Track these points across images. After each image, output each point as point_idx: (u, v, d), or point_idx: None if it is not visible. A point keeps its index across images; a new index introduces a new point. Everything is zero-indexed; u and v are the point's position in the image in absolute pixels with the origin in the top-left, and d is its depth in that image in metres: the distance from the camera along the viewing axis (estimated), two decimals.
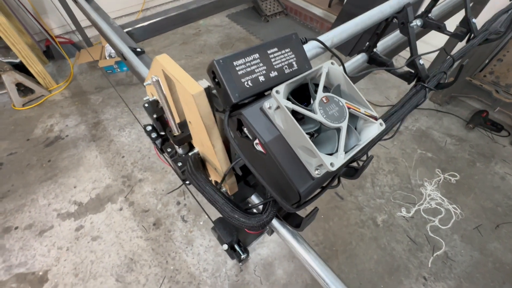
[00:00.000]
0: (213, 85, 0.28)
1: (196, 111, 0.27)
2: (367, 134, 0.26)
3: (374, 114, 0.26)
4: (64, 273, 1.33)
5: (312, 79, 0.28)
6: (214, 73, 0.27)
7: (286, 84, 0.24)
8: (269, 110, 0.25)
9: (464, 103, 2.10)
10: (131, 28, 0.85)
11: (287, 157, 0.24)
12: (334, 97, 0.25)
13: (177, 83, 0.27)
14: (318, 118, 0.23)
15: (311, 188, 0.25)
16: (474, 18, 0.65)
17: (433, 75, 0.51)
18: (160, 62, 0.29)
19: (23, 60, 1.99)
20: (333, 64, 0.28)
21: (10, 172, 1.71)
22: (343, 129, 0.24)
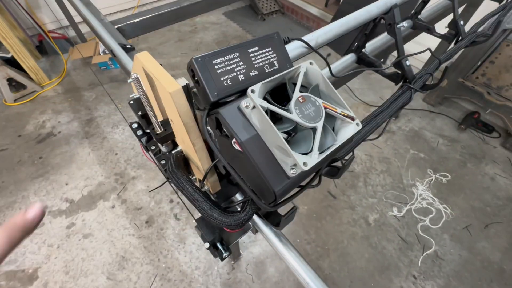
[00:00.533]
0: (193, 82, 0.28)
1: (174, 109, 0.27)
2: (344, 134, 0.26)
3: (351, 114, 0.26)
4: (55, 271, 1.32)
5: (291, 79, 0.28)
6: (193, 71, 0.27)
7: (262, 84, 0.24)
8: (246, 109, 0.25)
9: (456, 104, 2.13)
10: (122, 24, 0.84)
11: (263, 157, 0.25)
12: (311, 97, 0.25)
13: (156, 81, 0.27)
14: (293, 118, 0.24)
15: (286, 188, 0.25)
16: (462, 20, 0.65)
17: (419, 76, 0.52)
18: (140, 60, 0.29)
19: (15, 55, 1.97)
20: (312, 64, 0.28)
21: (0, 169, 1.69)
22: (319, 129, 0.24)
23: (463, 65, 1.81)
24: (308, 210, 1.56)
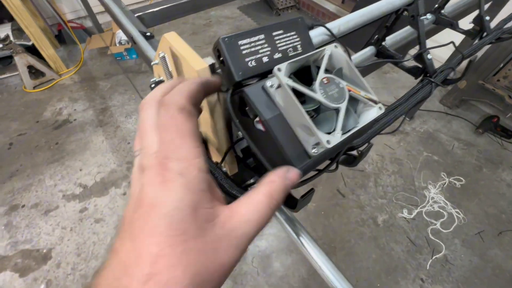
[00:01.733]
0: (217, 63, 0.29)
1: None
2: (366, 117, 0.26)
3: (374, 98, 0.26)
4: (67, 252, 1.37)
5: (315, 62, 0.28)
6: (219, 51, 0.28)
7: (288, 63, 0.24)
8: (270, 89, 0.25)
9: (474, 107, 2.06)
10: (142, 13, 0.86)
11: (285, 135, 0.25)
12: (335, 79, 0.25)
13: (183, 60, 0.28)
14: (318, 98, 0.24)
15: (307, 167, 0.25)
16: (487, 16, 0.63)
17: (440, 70, 0.50)
18: (167, 39, 0.29)
19: (36, 43, 2.03)
20: (337, 48, 0.28)
21: (19, 152, 1.75)
22: (342, 109, 0.24)
23: (484, 67, 1.75)
24: (316, 207, 1.55)
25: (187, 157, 0.19)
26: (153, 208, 0.17)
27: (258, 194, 0.21)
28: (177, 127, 0.20)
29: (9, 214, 1.49)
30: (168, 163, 0.19)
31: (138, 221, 0.17)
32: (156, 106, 0.21)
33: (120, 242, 0.18)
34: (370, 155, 1.79)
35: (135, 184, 0.19)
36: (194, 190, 0.18)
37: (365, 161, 1.76)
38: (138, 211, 0.18)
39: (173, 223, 0.17)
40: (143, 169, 0.19)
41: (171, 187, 0.18)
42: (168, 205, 0.17)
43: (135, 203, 0.18)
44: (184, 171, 0.19)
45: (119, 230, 0.19)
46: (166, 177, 0.18)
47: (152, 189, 0.18)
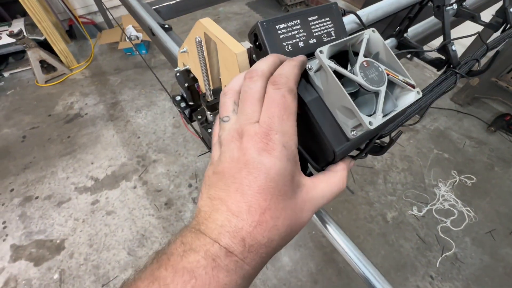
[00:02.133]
0: (253, 48, 0.29)
1: (236, 72, 0.28)
2: (404, 101, 0.26)
3: (412, 82, 0.26)
4: (80, 243, 1.40)
5: (352, 46, 0.28)
6: (257, 35, 0.28)
7: (329, 46, 0.24)
8: (309, 72, 0.25)
9: (487, 105, 2.03)
10: (158, 6, 0.86)
11: (324, 118, 0.25)
12: (374, 63, 0.25)
13: (220, 44, 0.28)
14: (359, 80, 0.24)
15: (345, 149, 0.26)
16: (511, 8, 0.62)
17: (464, 61, 0.50)
18: (203, 24, 0.30)
19: (48, 38, 2.05)
20: (374, 32, 0.28)
21: (32, 145, 1.79)
22: (382, 92, 0.24)
23: (498, 64, 1.72)
24: None
25: (290, 132, 0.22)
26: (261, 170, 0.20)
27: (335, 177, 0.26)
28: (285, 105, 0.22)
29: (23, 205, 1.53)
30: (273, 135, 0.21)
31: (246, 179, 0.20)
32: (263, 81, 0.23)
33: (226, 194, 0.21)
34: None
35: (229, 145, 0.22)
36: (292, 161, 0.22)
37: (374, 158, 1.75)
38: (244, 171, 0.21)
39: (278, 185, 0.21)
40: (243, 134, 0.22)
41: (277, 156, 0.21)
42: (275, 170, 0.20)
43: (237, 162, 0.21)
44: (286, 144, 0.21)
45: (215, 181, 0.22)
46: (270, 146, 0.21)
47: (258, 153, 0.21)
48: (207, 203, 0.22)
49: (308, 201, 0.24)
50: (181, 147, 1.79)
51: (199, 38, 0.29)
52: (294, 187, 0.22)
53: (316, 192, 0.24)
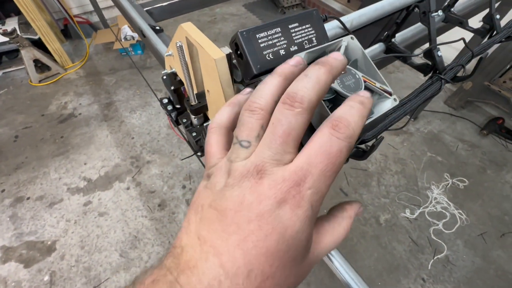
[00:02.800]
0: (235, 56, 0.29)
1: (216, 77, 0.28)
2: (381, 108, 0.26)
3: (389, 89, 0.27)
4: (71, 245, 1.38)
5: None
6: (237, 45, 0.28)
7: (306, 52, 0.25)
8: None
9: (480, 109, 2.05)
10: (150, 8, 0.86)
11: None
12: (351, 69, 0.26)
13: (200, 49, 0.28)
14: (335, 87, 0.24)
15: None
16: (498, 14, 0.63)
17: (450, 67, 0.50)
18: (184, 29, 0.30)
19: (42, 37, 2.04)
20: (353, 39, 0.28)
21: (24, 145, 1.77)
22: None
23: (490, 68, 1.74)
24: None
25: (323, 193, 0.18)
26: (275, 229, 0.16)
27: (340, 227, 0.22)
28: (337, 162, 0.18)
29: (14, 205, 1.51)
30: (306, 189, 0.17)
31: (253, 235, 0.16)
32: (309, 115, 0.19)
33: (223, 243, 0.16)
34: (374, 154, 1.79)
35: (241, 182, 0.17)
36: (313, 224, 0.18)
37: (368, 161, 1.76)
38: (254, 223, 0.16)
39: (290, 250, 0.17)
40: (264, 174, 0.17)
41: (300, 215, 0.17)
42: (292, 233, 0.17)
43: (247, 210, 0.17)
44: (314, 204, 0.18)
45: (211, 219, 0.17)
46: (297, 201, 0.17)
47: (277, 205, 0.17)
48: (195, 244, 0.17)
49: (312, 263, 0.20)
50: (175, 148, 1.78)
51: (180, 42, 0.29)
52: (305, 252, 0.19)
53: (321, 247, 0.21)
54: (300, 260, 0.18)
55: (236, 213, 0.17)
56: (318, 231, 0.21)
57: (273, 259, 0.16)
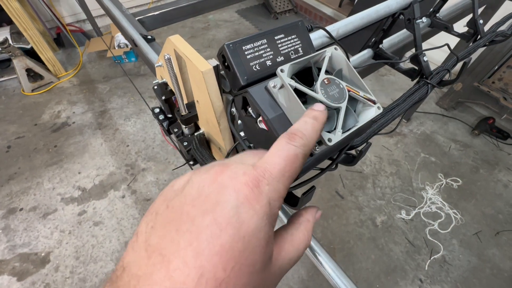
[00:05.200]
0: (222, 68, 0.30)
1: (204, 88, 0.29)
2: (365, 116, 0.27)
3: (373, 98, 0.27)
4: (66, 256, 1.36)
5: (316, 63, 0.29)
6: (224, 56, 0.29)
7: (290, 64, 0.25)
8: (273, 89, 0.26)
9: (470, 109, 2.09)
10: (142, 17, 0.87)
11: None
12: (335, 80, 0.26)
13: (188, 61, 0.29)
14: (319, 97, 0.25)
15: (309, 165, 0.26)
16: (481, 19, 0.65)
17: (436, 72, 0.52)
18: (172, 42, 0.30)
19: (34, 46, 2.03)
20: (337, 50, 0.29)
21: (17, 155, 1.75)
22: (342, 109, 0.25)
23: (479, 69, 1.78)
24: None
25: (281, 193, 0.18)
26: (231, 223, 0.15)
27: (298, 232, 0.22)
28: (293, 165, 0.19)
29: (7, 217, 1.48)
30: (264, 185, 0.17)
31: (208, 230, 0.15)
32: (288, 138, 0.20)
33: (172, 247, 0.15)
34: (368, 156, 1.80)
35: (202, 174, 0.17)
36: (271, 224, 0.17)
37: (363, 163, 1.77)
38: (209, 216, 0.15)
39: (247, 250, 0.15)
40: (226, 166, 0.18)
41: (258, 210, 0.16)
42: (249, 228, 0.16)
43: (203, 201, 0.16)
44: (272, 202, 0.17)
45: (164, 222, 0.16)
46: (255, 195, 0.16)
47: (236, 198, 0.16)
48: (140, 259, 0.15)
49: (274, 273, 0.18)
50: (170, 155, 1.77)
51: (168, 55, 0.30)
52: (265, 258, 0.17)
53: (282, 258, 0.19)
54: (260, 268, 0.16)
55: (192, 207, 0.16)
56: (277, 241, 0.20)
57: (227, 259, 0.15)
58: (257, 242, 0.16)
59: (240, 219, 0.15)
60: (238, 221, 0.15)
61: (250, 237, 0.15)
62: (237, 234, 0.15)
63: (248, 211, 0.16)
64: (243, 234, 0.15)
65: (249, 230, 0.16)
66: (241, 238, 0.15)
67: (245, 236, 0.15)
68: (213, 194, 0.16)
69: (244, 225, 0.15)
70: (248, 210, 0.16)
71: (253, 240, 0.16)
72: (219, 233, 0.15)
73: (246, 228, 0.15)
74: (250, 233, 0.15)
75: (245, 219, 0.16)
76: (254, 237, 0.16)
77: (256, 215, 0.16)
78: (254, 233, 0.16)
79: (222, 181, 0.17)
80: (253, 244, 0.16)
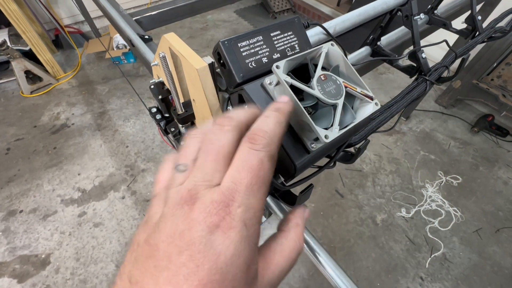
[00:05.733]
0: (218, 65, 0.29)
1: (200, 86, 0.28)
2: (363, 112, 0.27)
3: (370, 94, 0.27)
4: (66, 257, 1.36)
5: (312, 60, 0.29)
6: (220, 54, 0.28)
7: (286, 60, 0.25)
8: (269, 86, 0.26)
9: (470, 107, 2.09)
10: (139, 17, 0.87)
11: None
12: (332, 76, 0.26)
13: (183, 59, 0.28)
14: (316, 94, 0.24)
15: (306, 162, 0.26)
16: (479, 16, 0.65)
17: (434, 69, 0.51)
18: (167, 40, 0.30)
19: (33, 48, 2.03)
20: (333, 46, 0.28)
21: (17, 157, 1.74)
22: (339, 105, 0.25)
23: (478, 67, 1.78)
24: (315, 208, 1.56)
25: (256, 207, 0.17)
26: (207, 257, 0.15)
27: (288, 240, 0.21)
28: (260, 173, 0.18)
29: (7, 219, 1.48)
30: (235, 208, 0.16)
31: (185, 267, 0.15)
32: (236, 133, 0.19)
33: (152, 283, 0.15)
34: (368, 155, 1.80)
35: (174, 210, 0.17)
36: (252, 245, 0.17)
37: (363, 161, 1.77)
38: (185, 254, 0.15)
39: (227, 279, 0.15)
40: (196, 199, 0.17)
41: (233, 238, 0.16)
42: (226, 258, 0.15)
43: (179, 239, 0.16)
44: (248, 222, 0.17)
45: (144, 257, 0.16)
46: (227, 222, 0.16)
47: (208, 231, 0.16)
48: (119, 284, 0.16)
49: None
50: None
51: (163, 53, 0.29)
52: (248, 280, 0.17)
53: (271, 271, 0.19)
54: None
55: (168, 245, 0.16)
56: (264, 254, 0.19)
57: None
58: (236, 269, 0.16)
59: (216, 251, 0.15)
60: (214, 253, 0.15)
61: (228, 266, 0.16)
62: (214, 266, 0.15)
63: (224, 242, 0.16)
64: (220, 265, 0.15)
65: (227, 259, 0.16)
66: (219, 269, 0.15)
67: (222, 267, 0.15)
68: (186, 231, 0.16)
69: (221, 256, 0.15)
70: (223, 241, 0.16)
71: (232, 268, 0.16)
72: (196, 269, 0.15)
73: (224, 258, 0.15)
74: (228, 262, 0.16)
75: (221, 250, 0.16)
76: (233, 265, 0.16)
77: (232, 243, 0.16)
78: (232, 261, 0.16)
79: (193, 217, 0.16)
80: (232, 272, 0.16)
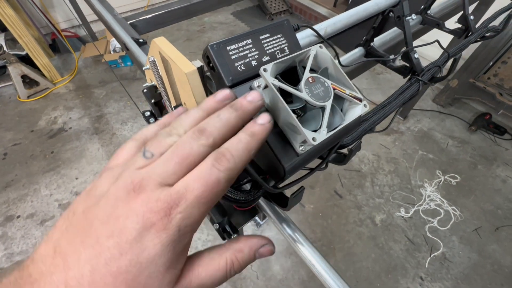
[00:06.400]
0: (207, 69, 0.29)
1: (189, 90, 0.28)
2: (352, 114, 0.27)
3: (359, 96, 0.27)
4: None
5: (301, 62, 0.29)
6: (209, 57, 0.28)
7: (274, 63, 0.25)
8: (257, 89, 0.26)
9: (467, 105, 2.09)
10: (134, 20, 0.87)
11: (273, 135, 0.25)
12: (320, 78, 0.26)
13: (172, 63, 0.28)
14: (303, 96, 0.24)
15: (295, 164, 0.26)
16: (472, 15, 0.65)
17: (427, 69, 0.52)
18: (157, 44, 0.30)
19: (30, 52, 2.03)
20: (322, 48, 0.28)
21: (14, 162, 1.74)
22: (327, 107, 0.25)
23: (474, 66, 1.79)
24: (314, 209, 1.55)
25: (195, 220, 0.18)
26: (131, 249, 0.16)
27: (221, 258, 0.20)
28: (213, 191, 0.18)
29: (4, 225, 1.47)
30: (175, 213, 0.17)
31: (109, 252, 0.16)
32: (210, 150, 0.19)
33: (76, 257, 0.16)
34: (366, 155, 1.80)
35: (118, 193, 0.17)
36: (177, 251, 0.17)
37: (361, 161, 1.77)
38: (114, 239, 0.16)
39: (142, 275, 0.16)
40: (143, 189, 0.17)
41: (163, 240, 0.16)
42: (148, 256, 0.16)
43: (113, 223, 0.16)
44: (183, 229, 0.17)
45: (76, 228, 0.16)
46: (163, 224, 0.16)
47: (142, 226, 0.16)
48: (48, 256, 0.16)
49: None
50: None
51: (153, 57, 0.29)
52: (164, 281, 0.17)
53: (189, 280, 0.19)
54: None
55: (101, 224, 0.16)
56: (193, 262, 0.20)
57: (120, 281, 0.15)
58: (155, 268, 0.16)
59: (143, 246, 0.16)
60: (140, 247, 0.16)
61: (148, 263, 0.16)
62: (136, 259, 0.16)
63: (153, 239, 0.16)
64: (142, 260, 0.16)
65: (149, 256, 0.16)
66: (138, 263, 0.16)
67: (142, 262, 0.16)
68: (122, 218, 0.16)
69: (145, 252, 0.16)
70: (153, 238, 0.16)
71: (151, 266, 0.16)
72: (119, 257, 0.16)
73: (147, 255, 0.16)
74: (149, 259, 0.16)
75: (147, 246, 0.16)
76: (153, 264, 0.16)
77: (160, 243, 0.16)
78: (154, 259, 0.16)
79: (134, 206, 0.17)
80: (150, 270, 0.16)
